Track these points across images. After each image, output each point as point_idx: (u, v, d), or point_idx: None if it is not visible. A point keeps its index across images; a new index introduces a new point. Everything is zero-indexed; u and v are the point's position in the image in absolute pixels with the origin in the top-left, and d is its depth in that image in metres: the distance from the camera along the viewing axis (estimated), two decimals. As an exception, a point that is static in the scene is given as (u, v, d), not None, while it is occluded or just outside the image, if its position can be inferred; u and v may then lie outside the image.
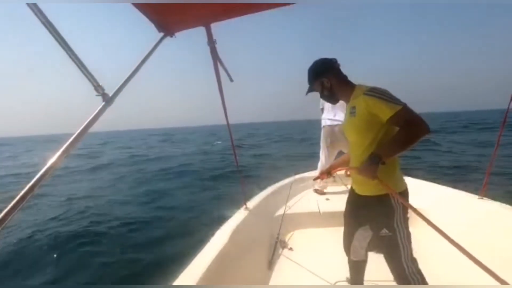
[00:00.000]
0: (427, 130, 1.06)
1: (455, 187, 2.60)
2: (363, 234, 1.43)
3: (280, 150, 17.07)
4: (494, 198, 2.02)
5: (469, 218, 2.00)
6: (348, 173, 1.40)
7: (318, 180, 3.54)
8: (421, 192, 2.68)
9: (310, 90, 1.43)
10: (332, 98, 1.40)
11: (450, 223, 2.16)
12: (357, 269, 1.58)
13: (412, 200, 1.23)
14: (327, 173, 1.66)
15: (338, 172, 1.59)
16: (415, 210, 1.11)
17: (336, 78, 1.35)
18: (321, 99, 3.41)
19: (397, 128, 1.17)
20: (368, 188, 1.28)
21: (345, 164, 1.56)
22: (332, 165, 1.69)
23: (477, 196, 2.03)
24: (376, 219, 1.29)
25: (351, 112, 1.29)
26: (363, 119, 1.21)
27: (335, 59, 1.37)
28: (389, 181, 1.20)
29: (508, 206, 1.81)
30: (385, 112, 1.12)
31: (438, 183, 2.88)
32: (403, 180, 1.28)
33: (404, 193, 1.25)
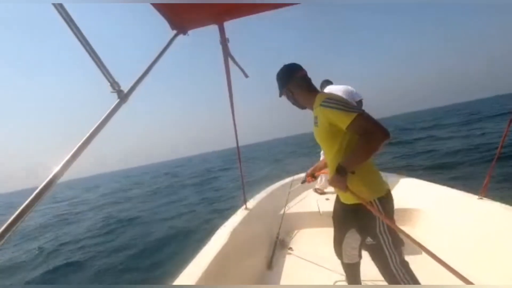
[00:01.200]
0: (386, 135, 1.04)
1: (453, 186, 2.60)
2: (352, 237, 1.41)
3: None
4: (494, 198, 2.02)
5: (469, 218, 2.00)
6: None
7: (318, 180, 3.56)
8: (421, 192, 2.68)
9: (281, 94, 1.44)
10: (297, 106, 1.41)
11: (450, 223, 2.16)
12: (352, 272, 1.57)
13: (412, 200, 1.23)
14: (311, 175, 1.74)
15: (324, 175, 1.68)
16: (384, 218, 1.12)
17: (298, 87, 1.33)
18: None
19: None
20: (347, 197, 1.26)
21: (321, 167, 1.64)
22: (315, 167, 1.76)
23: (477, 196, 2.03)
24: (360, 228, 1.30)
25: (315, 122, 1.30)
26: (324, 129, 1.22)
27: (299, 65, 1.36)
28: (364, 188, 1.18)
29: (508, 206, 1.81)
30: (343, 121, 1.11)
31: (438, 183, 2.88)
32: (382, 184, 1.24)
33: (386, 197, 1.22)
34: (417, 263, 1.32)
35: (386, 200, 1.21)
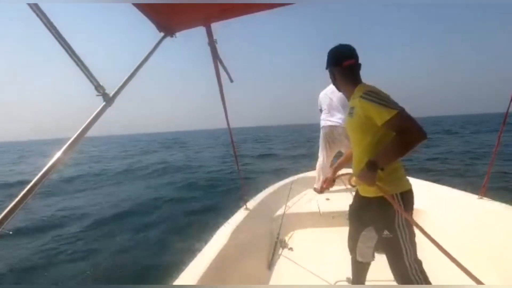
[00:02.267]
0: (423, 136, 1.03)
1: (454, 186, 2.60)
2: (368, 235, 1.42)
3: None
4: (494, 198, 2.02)
5: (469, 218, 2.00)
6: (351, 183, 1.43)
7: (317, 180, 3.55)
8: (421, 192, 2.68)
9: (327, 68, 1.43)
10: (336, 87, 1.43)
11: (450, 223, 2.16)
12: (360, 270, 1.57)
13: None
14: (332, 180, 1.63)
15: (342, 177, 1.58)
16: (404, 213, 1.12)
17: (342, 75, 1.33)
18: (319, 100, 3.42)
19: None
20: (369, 189, 1.27)
21: (347, 161, 1.57)
22: (335, 168, 1.67)
23: (477, 196, 2.03)
24: (378, 221, 1.29)
25: (350, 113, 1.29)
26: (359, 121, 1.21)
27: (350, 53, 1.30)
28: (390, 183, 1.20)
29: (508, 206, 1.81)
30: (380, 117, 1.09)
31: (438, 182, 2.88)
32: (406, 180, 1.26)
33: (408, 193, 1.23)
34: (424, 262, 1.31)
35: (407, 196, 1.23)
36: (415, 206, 1.25)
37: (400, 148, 1.07)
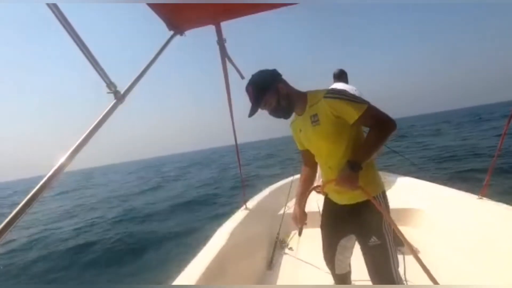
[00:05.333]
0: (395, 125, 1.05)
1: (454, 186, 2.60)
2: (346, 245, 1.33)
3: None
4: (494, 198, 2.02)
5: (469, 218, 1.99)
6: (323, 190, 1.27)
7: (317, 179, 3.53)
8: (420, 192, 2.68)
9: (256, 107, 1.16)
10: (288, 108, 1.19)
11: (450, 223, 2.15)
12: (343, 281, 1.45)
13: (412, 200, 1.23)
14: (303, 213, 1.40)
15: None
16: (388, 215, 1.10)
17: (288, 86, 1.19)
18: None
19: (361, 128, 1.15)
20: (350, 196, 1.18)
21: (307, 188, 1.37)
22: (300, 202, 1.41)
23: (476, 196, 2.03)
24: (364, 227, 1.19)
25: (313, 121, 1.15)
26: (331, 124, 1.11)
27: (275, 70, 1.21)
28: (371, 184, 1.15)
29: (508, 206, 1.81)
30: (352, 113, 1.06)
31: (439, 182, 2.87)
32: (381, 179, 1.22)
33: (384, 192, 1.20)
34: (408, 262, 1.31)
35: (385, 195, 1.20)
36: (415, 206, 1.25)
37: (379, 140, 1.06)
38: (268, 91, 1.14)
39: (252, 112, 1.16)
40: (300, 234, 1.45)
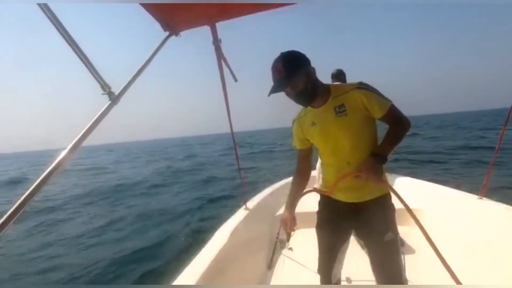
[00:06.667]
0: (410, 125, 1.11)
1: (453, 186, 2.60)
2: (344, 251, 1.29)
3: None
4: (494, 198, 2.02)
5: (469, 218, 2.00)
6: (331, 189, 1.17)
7: (317, 179, 3.53)
8: (421, 192, 2.68)
9: (283, 86, 1.06)
10: (313, 94, 1.10)
11: (450, 223, 2.15)
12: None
13: (412, 200, 1.22)
14: (293, 219, 1.32)
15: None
16: (409, 210, 1.06)
17: (314, 74, 1.11)
18: None
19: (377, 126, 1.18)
20: (367, 192, 1.14)
21: (299, 193, 1.31)
22: (290, 209, 1.34)
23: (476, 196, 2.03)
24: (381, 223, 1.14)
25: (339, 112, 1.10)
26: (359, 115, 1.08)
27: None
28: (384, 182, 1.13)
29: (508, 206, 1.81)
30: (380, 108, 1.07)
31: (438, 182, 2.87)
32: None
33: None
34: (409, 262, 1.31)
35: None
36: (415, 206, 1.25)
37: (399, 138, 1.10)
38: (300, 72, 1.05)
39: (274, 91, 1.06)
40: (288, 239, 1.40)
